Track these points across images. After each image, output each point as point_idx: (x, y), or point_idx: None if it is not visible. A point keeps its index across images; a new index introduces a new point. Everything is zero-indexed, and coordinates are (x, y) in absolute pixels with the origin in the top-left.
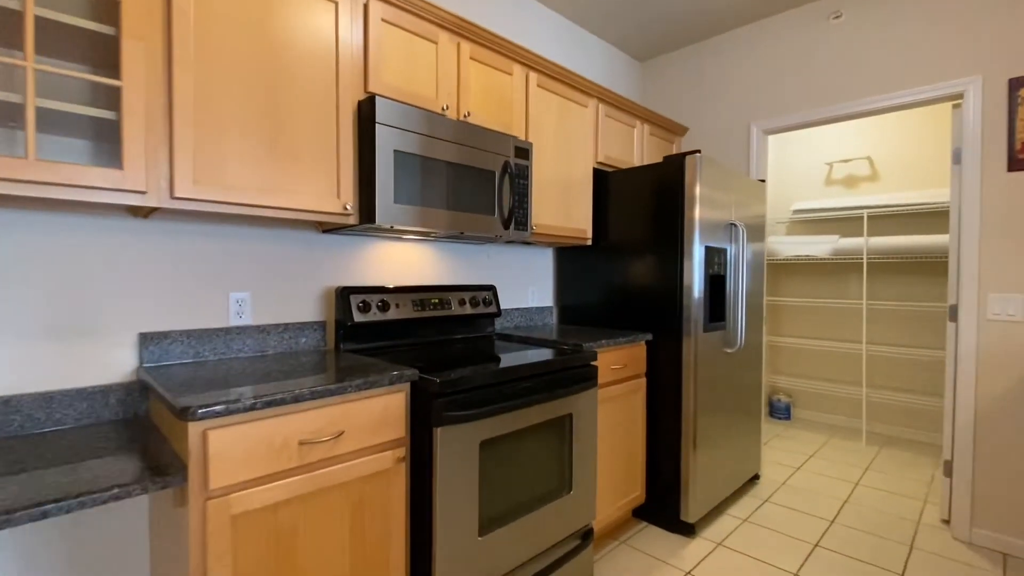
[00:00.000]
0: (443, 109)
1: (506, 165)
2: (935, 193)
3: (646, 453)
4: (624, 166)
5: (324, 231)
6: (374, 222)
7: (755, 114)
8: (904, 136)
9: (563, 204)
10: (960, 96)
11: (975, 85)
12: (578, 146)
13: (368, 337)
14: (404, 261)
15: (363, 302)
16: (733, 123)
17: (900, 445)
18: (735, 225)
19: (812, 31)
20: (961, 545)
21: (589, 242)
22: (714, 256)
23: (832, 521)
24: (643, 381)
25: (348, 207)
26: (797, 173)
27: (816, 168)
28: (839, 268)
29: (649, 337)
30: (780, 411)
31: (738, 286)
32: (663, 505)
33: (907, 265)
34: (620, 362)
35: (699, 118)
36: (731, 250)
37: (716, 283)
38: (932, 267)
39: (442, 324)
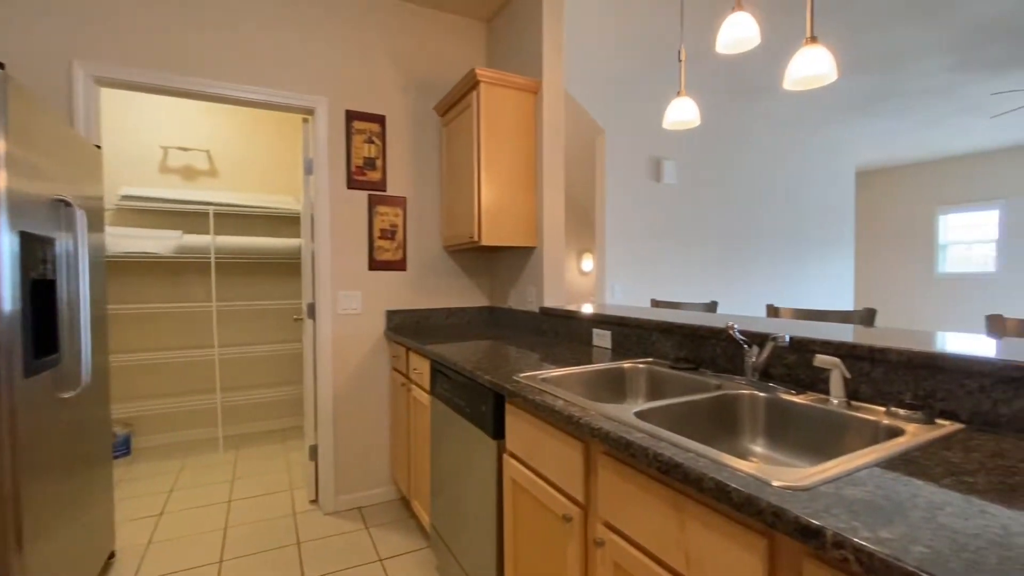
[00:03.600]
0: None
1: None
2: (281, 199)
3: None
4: None
5: None
6: None
7: (83, 50)
8: (246, 136)
9: None
10: (311, 111)
11: (323, 105)
12: None
13: None
14: None
15: None
16: (43, 51)
17: (256, 440)
18: (68, 205)
19: None
20: (331, 518)
21: None
22: (37, 250)
23: (220, 561)
24: None
25: None
26: (124, 150)
27: (150, 150)
28: (182, 268)
29: None
30: (117, 447)
31: (78, 296)
32: None
33: (255, 265)
34: None
35: None
36: (64, 243)
37: (41, 293)
38: (281, 268)
39: None
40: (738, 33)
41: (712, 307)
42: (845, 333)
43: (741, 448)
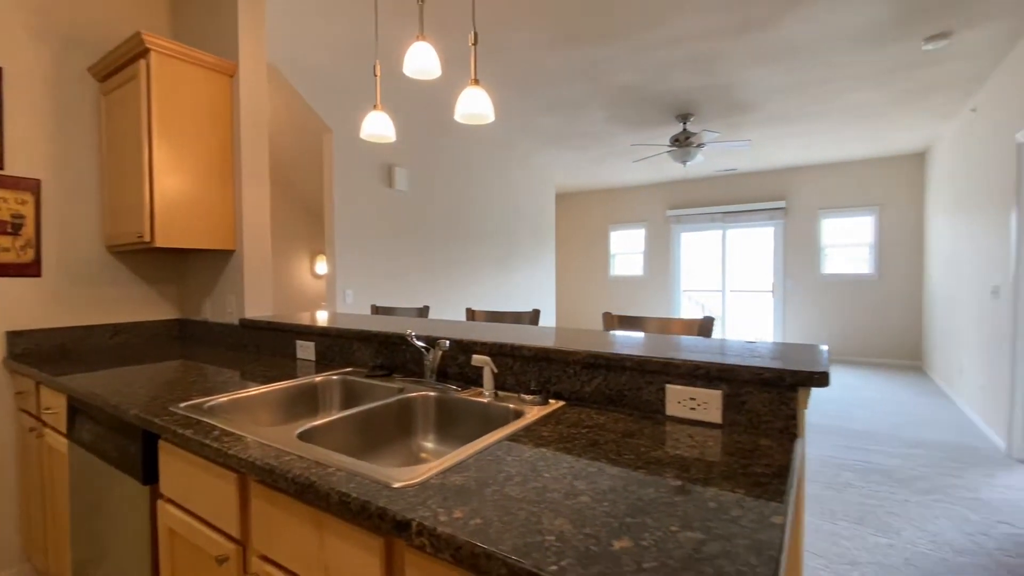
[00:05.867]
0: None
1: None
2: None
3: None
4: None
5: None
6: None
7: None
8: None
9: None
10: None
11: None
12: None
13: None
14: None
15: None
16: None
17: None
18: None
19: None
20: None
21: None
22: None
23: None
24: None
25: None
26: None
27: None
28: None
29: None
30: None
31: None
32: None
33: None
34: None
35: None
36: None
37: None
38: None
39: None
40: (420, 61)
41: (424, 312)
42: (500, 334)
43: (415, 446)
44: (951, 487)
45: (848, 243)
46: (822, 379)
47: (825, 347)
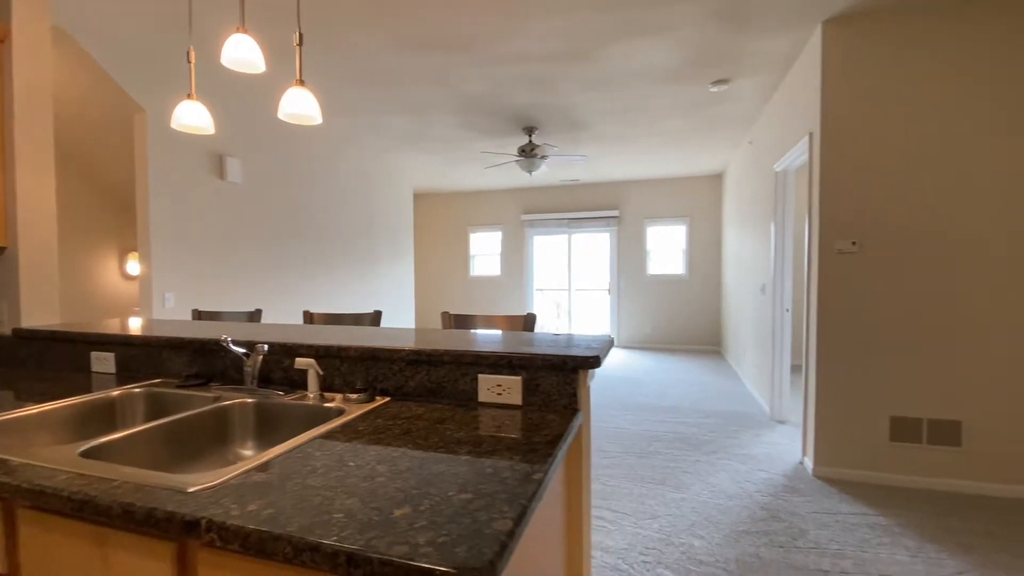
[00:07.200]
0: None
1: None
2: None
3: None
4: None
5: None
6: None
7: None
8: None
9: None
10: None
11: None
12: None
13: None
14: None
15: None
16: None
17: None
18: None
19: None
20: None
21: None
22: None
23: None
24: None
25: None
26: None
27: None
28: None
29: None
30: None
31: None
32: None
33: None
34: None
35: None
36: None
37: None
38: None
39: None
40: (239, 54)
41: (256, 316)
42: (328, 336)
43: (232, 455)
44: (730, 446)
45: (666, 248)
46: (595, 362)
47: (611, 336)
